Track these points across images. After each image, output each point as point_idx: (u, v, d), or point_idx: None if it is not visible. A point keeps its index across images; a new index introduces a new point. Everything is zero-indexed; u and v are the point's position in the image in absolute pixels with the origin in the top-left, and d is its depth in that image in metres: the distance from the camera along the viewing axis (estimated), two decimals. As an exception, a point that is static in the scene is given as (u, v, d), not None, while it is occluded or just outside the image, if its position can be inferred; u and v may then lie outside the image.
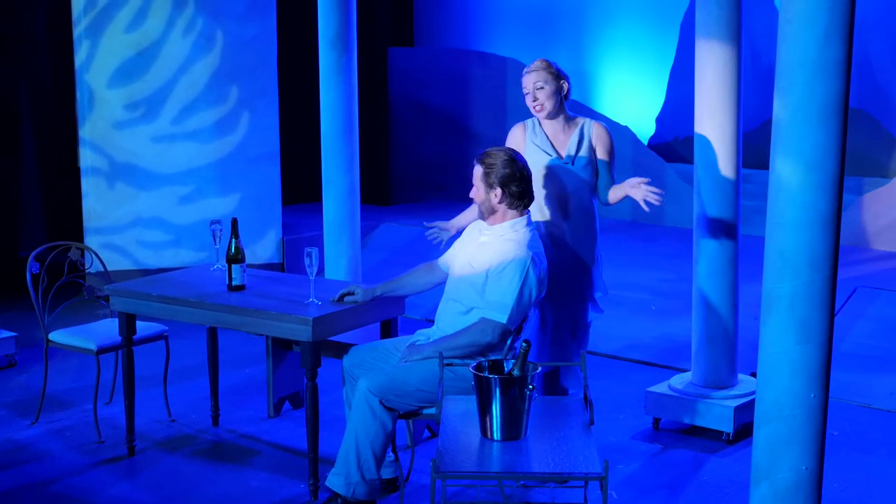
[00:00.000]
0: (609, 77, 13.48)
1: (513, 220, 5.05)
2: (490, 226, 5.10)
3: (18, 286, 8.23)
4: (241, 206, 9.34)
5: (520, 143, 5.50)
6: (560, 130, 5.44)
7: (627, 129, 11.61)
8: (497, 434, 4.08)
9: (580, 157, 5.42)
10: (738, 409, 5.98)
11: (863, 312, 8.02)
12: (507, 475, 3.85)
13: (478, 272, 5.00)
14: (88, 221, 9.18)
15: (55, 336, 6.30)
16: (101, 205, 9.18)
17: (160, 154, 9.24)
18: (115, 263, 8.98)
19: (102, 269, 6.64)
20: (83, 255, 6.63)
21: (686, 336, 6.79)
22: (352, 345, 5.53)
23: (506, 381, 4.05)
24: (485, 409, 4.08)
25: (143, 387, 6.73)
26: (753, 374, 6.09)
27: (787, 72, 3.59)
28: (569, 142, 5.42)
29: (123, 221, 9.23)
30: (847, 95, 3.59)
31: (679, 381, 6.29)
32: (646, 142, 13.36)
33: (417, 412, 4.99)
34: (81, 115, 9.11)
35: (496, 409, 4.06)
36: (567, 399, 4.69)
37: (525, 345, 4.13)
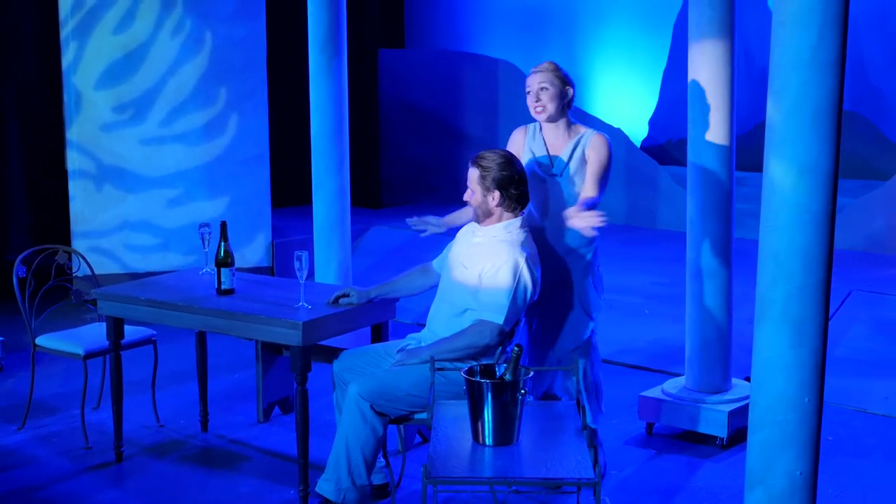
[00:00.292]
0: (601, 79, 13.49)
1: (507, 221, 5.06)
2: (484, 227, 5.10)
3: (4, 290, 8.22)
4: (230, 209, 9.33)
5: (519, 147, 5.42)
6: (559, 137, 5.34)
7: (620, 132, 11.61)
8: (489, 439, 4.08)
9: (568, 167, 5.31)
10: (732, 414, 5.99)
11: (857, 316, 8.03)
12: (499, 481, 3.85)
13: (471, 274, 5.00)
14: (76, 224, 9.17)
15: (42, 340, 6.29)
16: (89, 208, 9.17)
17: (148, 157, 9.23)
18: (103, 267, 8.96)
19: (90, 273, 6.64)
20: (70, 259, 6.62)
21: (680, 340, 6.79)
22: (342, 349, 5.53)
23: (498, 386, 4.05)
24: (476, 414, 4.08)
25: (131, 392, 6.72)
26: (747, 379, 6.09)
27: (781, 73, 3.60)
28: (563, 149, 5.34)
29: (111, 224, 9.22)
30: (841, 97, 3.60)
31: (673, 386, 6.29)
32: (639, 144, 13.37)
33: (408, 417, 4.99)
34: (68, 118, 9.10)
35: (488, 414, 4.06)
36: (559, 404, 4.70)
37: (517, 349, 4.14)
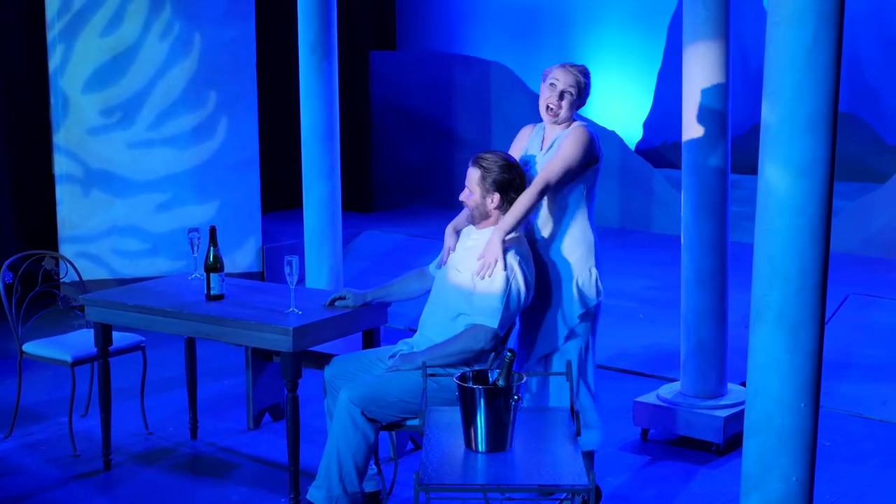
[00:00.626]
0: (595, 81, 13.44)
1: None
2: (479, 231, 5.09)
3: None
4: (220, 214, 9.33)
5: (522, 144, 5.35)
6: (554, 135, 5.27)
7: (614, 134, 11.63)
8: (482, 446, 4.08)
9: (542, 160, 5.17)
10: (728, 420, 5.99)
11: (854, 320, 8.05)
12: (493, 488, 3.85)
13: (464, 277, 5.00)
14: (63, 230, 9.16)
15: (29, 347, 6.28)
16: (76, 213, 9.16)
17: (136, 161, 9.22)
18: (91, 273, 8.96)
19: (77, 279, 6.63)
20: (58, 265, 6.61)
21: (675, 345, 6.80)
22: (333, 355, 5.53)
23: (490, 392, 4.05)
24: (469, 421, 4.08)
25: (120, 399, 6.71)
26: (743, 384, 6.10)
27: (776, 75, 3.61)
28: (548, 142, 5.24)
29: (99, 230, 9.21)
30: (837, 99, 3.60)
31: (668, 391, 6.30)
32: (633, 147, 13.41)
33: (400, 423, 4.99)
34: (55, 121, 9.09)
35: (481, 421, 4.05)
36: (553, 410, 4.70)
37: (510, 354, 4.14)
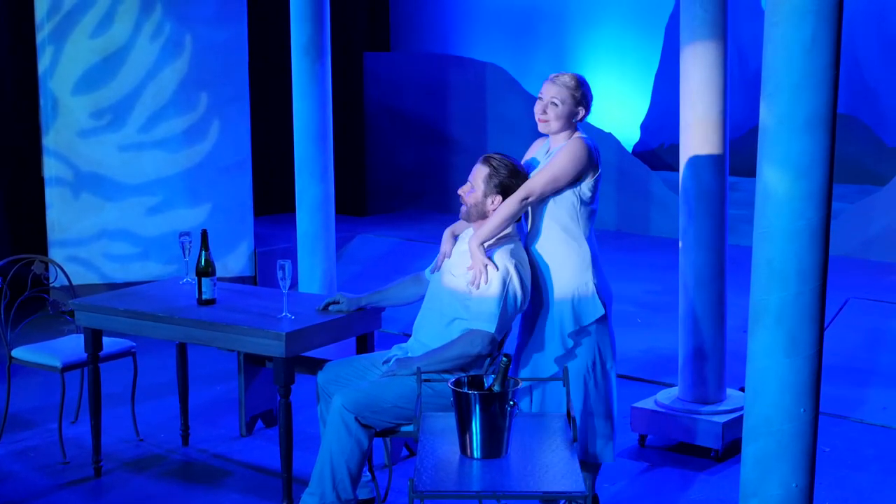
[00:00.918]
0: (592, 82, 13.45)
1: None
2: (475, 231, 5.07)
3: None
4: (212, 218, 9.33)
5: (532, 154, 5.30)
6: (556, 145, 5.20)
7: (611, 136, 11.65)
8: (477, 452, 4.08)
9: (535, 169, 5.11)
10: (727, 426, 5.99)
11: (854, 324, 8.05)
12: (488, 494, 3.85)
13: (459, 282, 5.00)
14: (52, 233, 9.15)
15: (18, 353, 6.27)
16: (66, 216, 9.16)
17: (127, 163, 9.22)
18: (81, 277, 8.95)
19: (67, 283, 6.62)
20: (47, 269, 6.61)
21: (673, 350, 6.80)
22: (327, 360, 5.53)
23: (486, 398, 4.05)
24: (464, 427, 4.08)
25: (110, 405, 6.71)
26: (742, 389, 6.10)
27: (774, 76, 3.61)
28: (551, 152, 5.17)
29: (89, 233, 9.20)
30: (835, 100, 3.60)
31: (665, 397, 6.30)
32: (630, 149, 13.42)
33: (395, 430, 4.99)
34: (45, 124, 9.08)
35: (476, 427, 4.06)
36: (549, 416, 4.70)
37: (505, 359, 4.14)
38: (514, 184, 4.99)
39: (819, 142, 3.58)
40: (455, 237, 5.23)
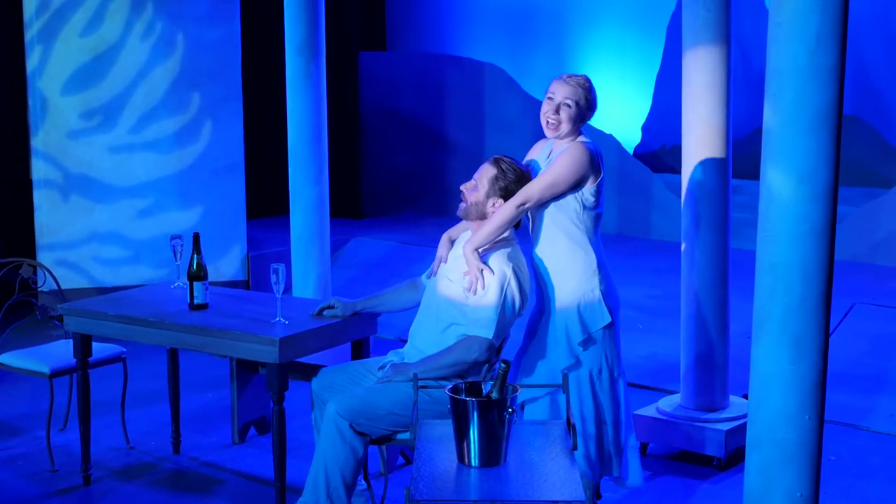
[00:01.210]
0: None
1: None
2: (470, 236, 5.06)
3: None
4: (204, 220, 9.32)
5: (533, 157, 5.28)
6: (558, 149, 5.18)
7: (612, 138, 11.64)
8: (475, 460, 4.07)
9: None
10: (730, 433, 5.99)
11: (860, 330, 8.05)
12: (486, 503, 3.85)
13: (456, 287, 4.99)
14: (41, 237, 9.15)
15: (5, 358, 6.26)
16: (55, 219, 9.15)
17: (117, 165, 9.22)
18: (70, 281, 8.94)
19: (56, 288, 6.62)
20: (35, 273, 6.60)
21: (675, 356, 6.80)
22: (321, 366, 5.52)
23: (484, 405, 4.04)
24: (462, 434, 4.08)
25: (100, 412, 6.70)
26: (745, 396, 6.10)
27: (778, 77, 3.61)
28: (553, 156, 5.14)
29: (78, 236, 9.20)
30: (841, 101, 3.60)
31: (668, 404, 6.30)
32: (631, 151, 13.42)
33: (390, 437, 4.98)
34: (34, 124, 9.08)
35: (474, 434, 4.05)
36: (549, 423, 4.69)
37: (504, 365, 4.13)
38: (518, 190, 4.98)
39: (824, 144, 3.58)
40: (452, 242, 5.22)
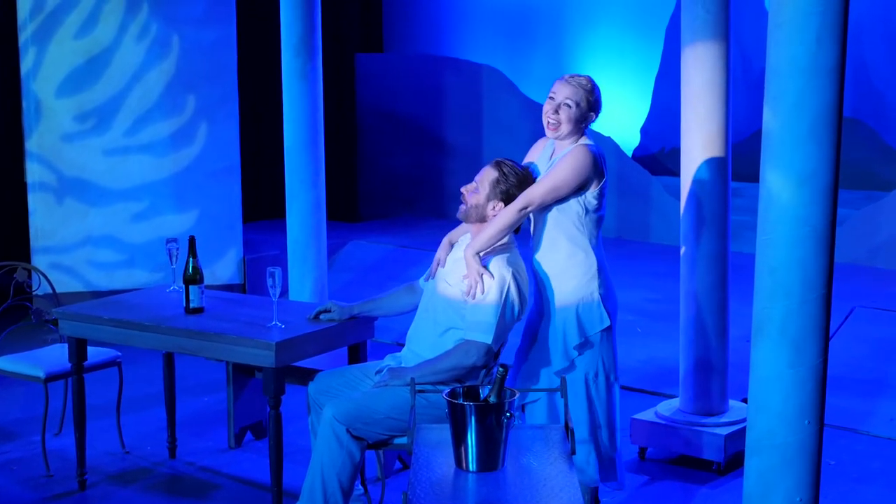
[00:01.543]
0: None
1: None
2: (472, 237, 5.06)
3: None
4: (199, 224, 9.32)
5: (534, 158, 5.28)
6: (560, 150, 5.09)
7: (610, 140, 11.65)
8: (473, 465, 4.08)
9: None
10: (729, 438, 6.00)
11: (860, 334, 8.06)
12: (484, 509, 3.85)
13: (455, 290, 5.00)
14: (36, 240, 9.14)
15: (0, 363, 6.27)
16: (50, 222, 9.15)
17: (112, 168, 9.22)
18: (65, 285, 8.94)
19: (51, 291, 6.62)
20: (30, 276, 6.60)
21: (674, 360, 6.81)
22: (317, 370, 5.53)
23: (482, 409, 4.05)
24: (459, 439, 4.08)
25: (95, 417, 6.70)
26: (745, 401, 6.11)
27: (778, 79, 3.62)
28: (554, 157, 5.12)
29: (73, 240, 9.20)
30: (841, 104, 3.61)
31: (666, 408, 6.30)
32: (630, 153, 13.42)
33: (387, 442, 4.98)
34: (28, 127, 9.08)
35: (472, 439, 4.06)
36: (547, 427, 4.70)
37: (502, 370, 4.14)
38: (519, 194, 4.98)
39: (824, 146, 3.59)
40: (452, 245, 5.23)
